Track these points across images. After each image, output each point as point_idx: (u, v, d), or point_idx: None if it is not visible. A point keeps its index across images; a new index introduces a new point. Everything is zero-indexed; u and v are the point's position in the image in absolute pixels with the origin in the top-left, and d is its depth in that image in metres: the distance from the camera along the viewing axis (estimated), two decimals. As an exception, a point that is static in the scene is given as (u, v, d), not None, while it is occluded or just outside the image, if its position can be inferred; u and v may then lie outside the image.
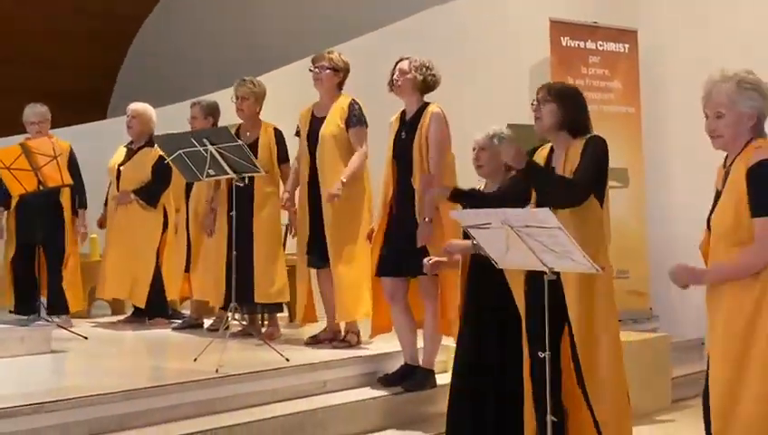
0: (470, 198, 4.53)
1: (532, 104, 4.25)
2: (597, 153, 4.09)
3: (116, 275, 7.25)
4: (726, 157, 3.47)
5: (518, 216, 3.63)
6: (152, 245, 7.23)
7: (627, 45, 7.72)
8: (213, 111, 7.06)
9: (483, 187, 4.78)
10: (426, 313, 5.37)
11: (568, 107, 4.14)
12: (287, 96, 7.43)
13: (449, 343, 5.62)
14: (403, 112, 5.55)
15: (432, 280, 5.26)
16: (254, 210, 6.37)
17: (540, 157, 4.25)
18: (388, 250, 5.43)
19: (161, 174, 7.09)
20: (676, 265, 3.34)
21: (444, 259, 4.82)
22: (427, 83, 5.45)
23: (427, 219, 5.17)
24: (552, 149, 4.24)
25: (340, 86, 6.13)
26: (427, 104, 5.48)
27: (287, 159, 6.51)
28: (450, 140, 5.41)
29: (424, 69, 5.42)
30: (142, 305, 7.23)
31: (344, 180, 5.78)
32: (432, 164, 5.31)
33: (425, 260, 4.93)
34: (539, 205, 4.05)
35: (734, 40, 7.33)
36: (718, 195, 3.42)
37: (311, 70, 6.12)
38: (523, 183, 4.25)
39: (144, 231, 7.22)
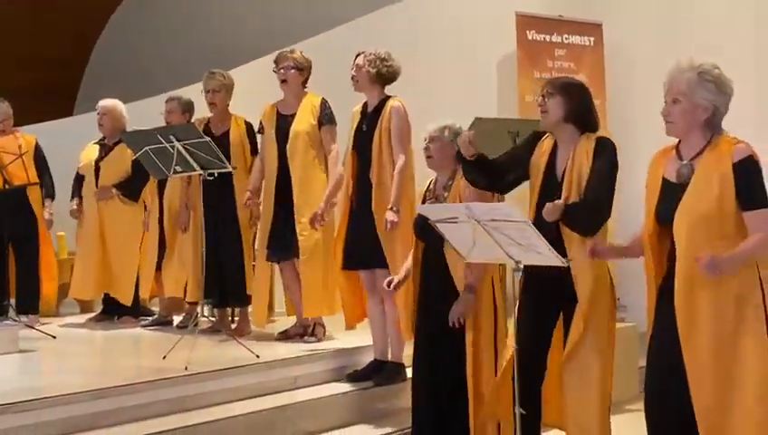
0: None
1: (540, 97, 4.23)
2: (612, 162, 4.07)
3: (99, 273, 7.18)
4: (679, 146, 3.50)
5: (484, 209, 3.66)
6: (136, 240, 7.19)
7: (592, 38, 7.77)
8: (190, 107, 7.04)
9: (433, 180, 4.80)
10: (387, 307, 5.37)
11: (574, 100, 4.13)
12: (254, 93, 7.41)
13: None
14: (365, 105, 5.56)
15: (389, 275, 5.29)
16: (236, 205, 6.36)
17: (541, 150, 4.22)
18: (352, 243, 5.43)
19: (141, 168, 7.02)
20: (707, 269, 3.28)
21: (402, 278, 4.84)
22: (384, 76, 5.45)
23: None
24: (555, 144, 4.24)
25: (304, 84, 6.13)
26: (388, 97, 5.49)
27: (257, 152, 6.51)
28: (410, 134, 5.42)
29: (378, 61, 5.42)
30: (128, 303, 7.18)
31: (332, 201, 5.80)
32: (394, 159, 5.32)
33: (384, 283, 4.91)
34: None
35: (698, 33, 7.40)
36: (670, 185, 3.45)
37: (275, 71, 6.11)
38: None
39: (127, 227, 7.18)
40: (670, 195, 3.46)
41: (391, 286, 4.86)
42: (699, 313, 3.35)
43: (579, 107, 4.15)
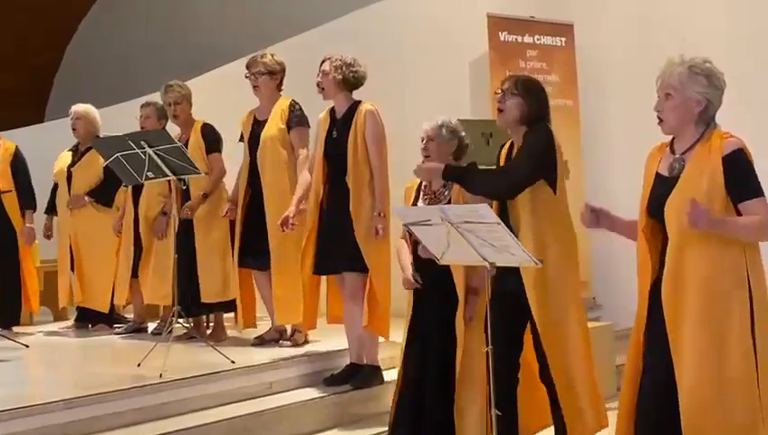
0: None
1: (495, 93, 4.24)
2: (533, 141, 4.10)
3: (75, 282, 7.13)
4: (673, 142, 3.51)
5: (457, 212, 3.66)
6: (111, 247, 7.13)
7: (563, 39, 7.80)
8: (165, 113, 6.98)
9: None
10: (354, 311, 5.34)
11: (533, 102, 4.17)
12: (224, 97, 7.38)
13: (398, 338, 5.67)
14: (332, 111, 5.53)
15: (360, 278, 5.28)
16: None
17: (503, 152, 4.29)
18: (325, 249, 5.41)
19: (113, 173, 6.96)
20: (696, 205, 3.25)
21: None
22: (350, 81, 5.43)
23: None
24: (512, 145, 4.26)
25: (279, 87, 6.11)
26: (358, 102, 5.47)
27: (216, 150, 6.46)
28: (385, 137, 5.41)
29: (345, 67, 5.40)
30: (105, 310, 7.13)
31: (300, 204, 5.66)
32: (374, 163, 5.31)
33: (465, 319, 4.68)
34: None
35: (668, 31, 7.44)
36: (662, 178, 3.45)
37: (247, 76, 6.08)
38: None
39: (101, 233, 7.12)
40: (662, 188, 3.45)
41: (470, 321, 4.61)
42: (686, 305, 3.34)
43: (535, 110, 4.18)
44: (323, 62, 5.48)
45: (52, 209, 7.39)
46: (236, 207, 6.12)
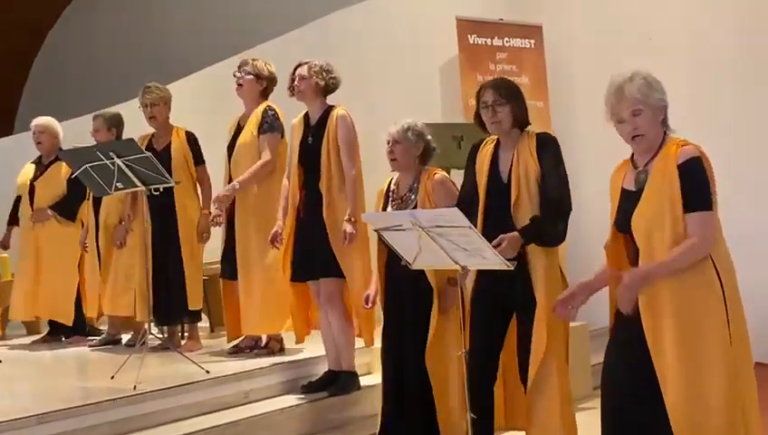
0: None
1: (481, 108, 4.24)
2: (559, 156, 4.17)
3: (38, 295, 7.08)
4: (633, 156, 3.51)
5: (428, 216, 3.65)
6: (73, 260, 7.08)
7: (532, 41, 7.84)
8: (117, 122, 6.93)
9: (394, 180, 4.78)
10: (330, 317, 5.33)
11: (520, 105, 4.22)
12: (194, 105, 7.35)
13: (377, 344, 5.66)
14: (306, 116, 5.51)
15: (337, 284, 5.27)
16: (177, 219, 6.29)
17: (482, 156, 4.28)
18: (301, 255, 5.38)
19: (76, 186, 6.92)
20: (623, 288, 3.30)
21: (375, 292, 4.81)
22: (329, 86, 5.43)
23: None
24: (496, 146, 4.27)
25: (263, 95, 6.06)
26: (331, 107, 5.45)
27: (202, 162, 6.45)
28: (358, 142, 5.40)
29: (324, 73, 5.40)
30: (69, 323, 7.08)
31: (236, 185, 5.72)
32: (346, 168, 5.29)
33: (363, 300, 4.86)
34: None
35: (635, 31, 7.49)
36: (628, 193, 3.45)
37: (234, 75, 6.05)
38: None
39: (64, 247, 7.07)
40: (627, 204, 3.45)
41: (368, 303, 4.82)
42: (663, 315, 3.34)
43: (523, 111, 4.22)
44: (299, 66, 5.45)
45: (13, 221, 7.33)
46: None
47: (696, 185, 3.31)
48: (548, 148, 4.16)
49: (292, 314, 5.58)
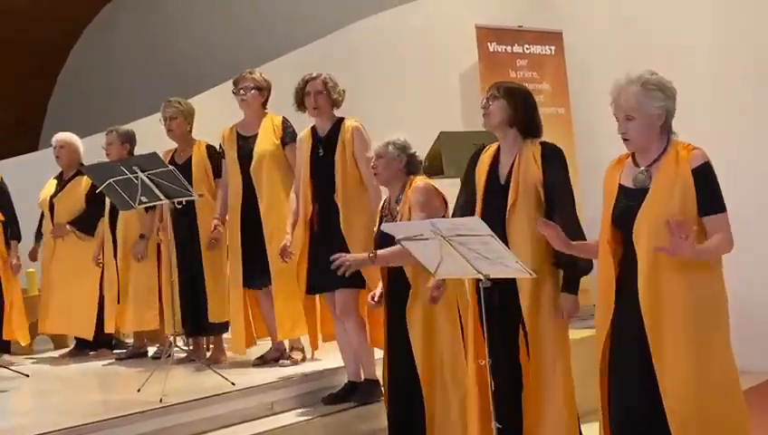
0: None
1: (483, 100, 4.27)
2: (566, 171, 4.15)
3: (60, 310, 7.13)
4: (635, 154, 3.54)
5: (448, 225, 3.65)
6: (94, 275, 7.12)
7: (553, 47, 7.82)
8: (130, 138, 6.99)
9: (386, 198, 4.85)
10: (348, 327, 5.33)
11: (518, 104, 4.19)
12: (218, 119, 7.38)
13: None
14: (314, 129, 5.51)
15: (353, 294, 5.27)
16: (199, 231, 6.31)
17: (483, 160, 4.28)
18: (316, 268, 5.38)
19: (95, 202, 6.98)
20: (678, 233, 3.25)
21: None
22: (339, 100, 5.47)
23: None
24: (497, 151, 4.27)
25: (264, 104, 6.11)
26: (341, 119, 5.46)
27: (220, 175, 6.48)
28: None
29: (337, 87, 5.44)
30: (90, 338, 7.12)
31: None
32: (367, 178, 5.30)
33: (368, 298, 4.92)
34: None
35: (656, 34, 7.46)
36: (627, 190, 3.47)
37: (234, 93, 6.08)
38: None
39: (84, 262, 7.11)
40: (627, 200, 3.47)
41: (375, 300, 4.86)
42: (665, 314, 3.36)
43: (522, 112, 4.21)
44: (311, 80, 5.46)
45: (40, 237, 7.41)
46: (223, 224, 6.11)
47: (712, 188, 3.39)
48: (554, 160, 4.14)
49: (309, 324, 5.60)
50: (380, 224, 4.81)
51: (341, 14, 9.58)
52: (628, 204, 3.46)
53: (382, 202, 4.89)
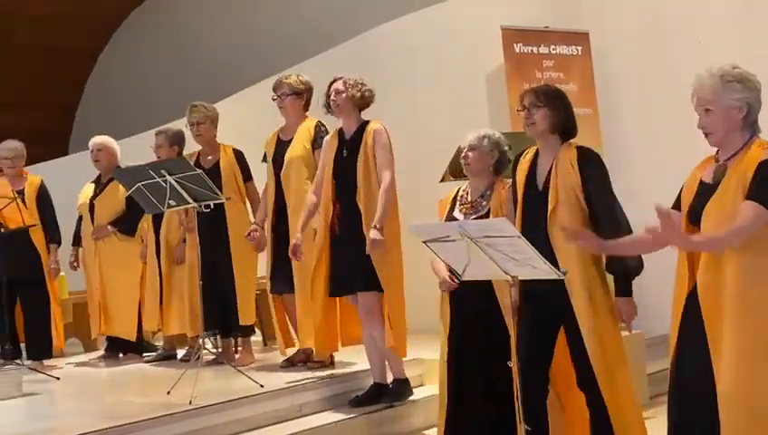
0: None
1: (518, 111, 4.26)
2: (606, 176, 4.13)
3: (113, 311, 7.19)
4: (718, 151, 3.50)
5: (476, 226, 3.64)
6: (135, 276, 7.19)
7: (579, 48, 7.78)
8: (179, 139, 7.04)
9: (463, 187, 4.80)
10: (372, 330, 5.33)
11: (559, 109, 4.19)
12: (246, 120, 7.42)
13: (426, 355, 5.65)
14: (341, 131, 5.53)
15: (376, 297, 5.27)
16: (229, 234, 6.35)
17: (522, 165, 4.28)
18: (338, 270, 5.39)
19: (135, 202, 7.00)
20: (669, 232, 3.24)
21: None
22: (365, 99, 5.46)
23: None
24: (535, 155, 4.26)
25: (306, 107, 6.12)
26: (366, 122, 5.47)
27: (251, 178, 6.50)
28: (393, 156, 5.39)
29: (360, 86, 5.43)
30: (133, 338, 7.19)
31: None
32: (382, 179, 5.29)
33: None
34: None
35: (683, 34, 7.41)
36: (704, 186, 3.44)
37: (273, 99, 6.10)
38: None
39: (125, 263, 7.18)
40: (702, 195, 3.44)
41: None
42: (724, 311, 3.30)
43: (564, 118, 4.19)
44: (334, 81, 5.49)
45: (77, 241, 7.46)
46: (262, 229, 6.13)
47: (763, 179, 3.28)
48: (590, 165, 4.10)
49: (316, 330, 5.56)
50: (451, 211, 4.74)
51: (370, 16, 9.59)
52: (702, 199, 3.43)
53: (455, 191, 4.80)
